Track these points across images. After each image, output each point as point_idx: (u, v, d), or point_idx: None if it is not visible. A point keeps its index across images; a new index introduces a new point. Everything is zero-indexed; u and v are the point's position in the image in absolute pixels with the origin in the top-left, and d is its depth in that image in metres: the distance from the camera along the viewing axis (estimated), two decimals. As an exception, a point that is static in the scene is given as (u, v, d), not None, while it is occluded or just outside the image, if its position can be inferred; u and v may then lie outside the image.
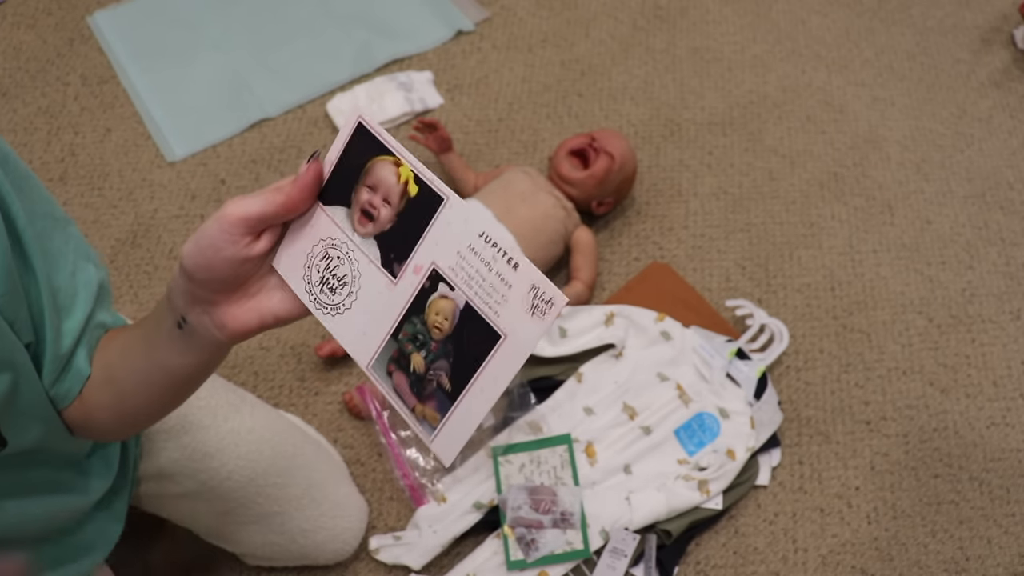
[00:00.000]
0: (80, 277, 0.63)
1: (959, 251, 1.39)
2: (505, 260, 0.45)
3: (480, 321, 0.46)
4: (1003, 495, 1.18)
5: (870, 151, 1.50)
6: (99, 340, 0.65)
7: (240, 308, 0.52)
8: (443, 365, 0.48)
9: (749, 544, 1.13)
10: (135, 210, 1.39)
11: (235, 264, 0.49)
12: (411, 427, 0.50)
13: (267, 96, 1.52)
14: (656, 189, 1.43)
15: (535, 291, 0.44)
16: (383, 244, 0.50)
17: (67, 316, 0.62)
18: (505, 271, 0.45)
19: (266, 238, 0.51)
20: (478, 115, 1.51)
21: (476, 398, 0.46)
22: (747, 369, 1.20)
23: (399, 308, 0.49)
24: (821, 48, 1.63)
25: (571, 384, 1.20)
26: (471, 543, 1.11)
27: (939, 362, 1.28)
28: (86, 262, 0.64)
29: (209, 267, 0.49)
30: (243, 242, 0.49)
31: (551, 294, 0.44)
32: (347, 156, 0.51)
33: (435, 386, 0.48)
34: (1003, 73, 1.60)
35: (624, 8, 1.67)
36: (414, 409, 0.49)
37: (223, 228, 0.48)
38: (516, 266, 0.45)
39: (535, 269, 0.45)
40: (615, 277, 1.34)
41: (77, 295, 0.63)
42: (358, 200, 0.50)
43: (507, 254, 0.45)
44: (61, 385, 0.63)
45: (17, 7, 1.64)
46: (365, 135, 0.50)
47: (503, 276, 0.45)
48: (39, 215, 0.60)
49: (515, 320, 0.45)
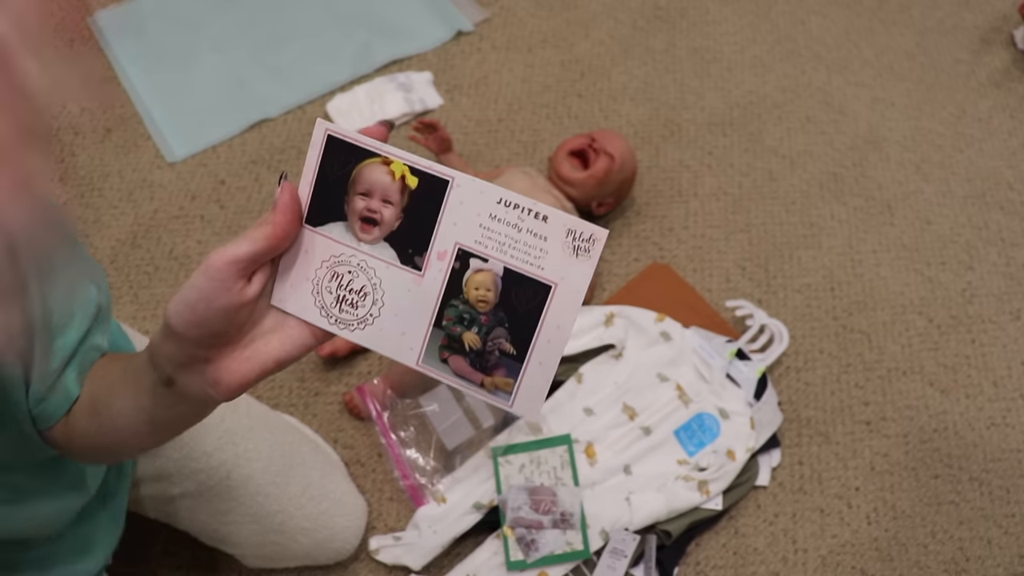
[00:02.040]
0: (78, 297, 0.62)
1: (959, 251, 1.39)
2: (532, 216, 0.47)
3: (525, 280, 0.47)
4: (1003, 495, 1.18)
5: (870, 151, 1.50)
6: (92, 364, 0.64)
7: (236, 361, 0.48)
8: (500, 333, 0.48)
9: (749, 544, 1.13)
10: (135, 210, 1.39)
11: (229, 313, 0.46)
12: (486, 400, 0.50)
13: (267, 96, 1.52)
14: (656, 189, 1.43)
15: (572, 234, 0.46)
16: (397, 243, 0.49)
17: (61, 334, 0.61)
18: (535, 226, 0.47)
19: (258, 279, 0.48)
20: (478, 115, 1.51)
21: (544, 350, 0.48)
22: (747, 369, 1.20)
23: (434, 297, 0.49)
24: (821, 48, 1.63)
25: (571, 384, 1.20)
26: (471, 543, 1.11)
27: (939, 362, 1.28)
28: (85, 284, 0.63)
29: (201, 323, 0.46)
30: (236, 288, 0.46)
31: (590, 231, 0.46)
32: (325, 171, 0.49)
33: (498, 355, 0.49)
34: (1003, 73, 1.60)
35: (624, 8, 1.67)
36: (483, 384, 0.49)
37: (212, 277, 0.45)
38: (545, 218, 0.47)
39: (565, 215, 0.46)
40: (615, 277, 1.34)
41: (75, 315, 0.62)
42: (354, 210, 0.49)
43: (532, 209, 0.47)
44: (48, 404, 0.61)
45: (17, 7, 1.64)
46: (338, 145, 0.49)
47: (535, 231, 0.47)
48: None
49: (562, 266, 0.47)
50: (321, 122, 0.49)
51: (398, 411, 1.16)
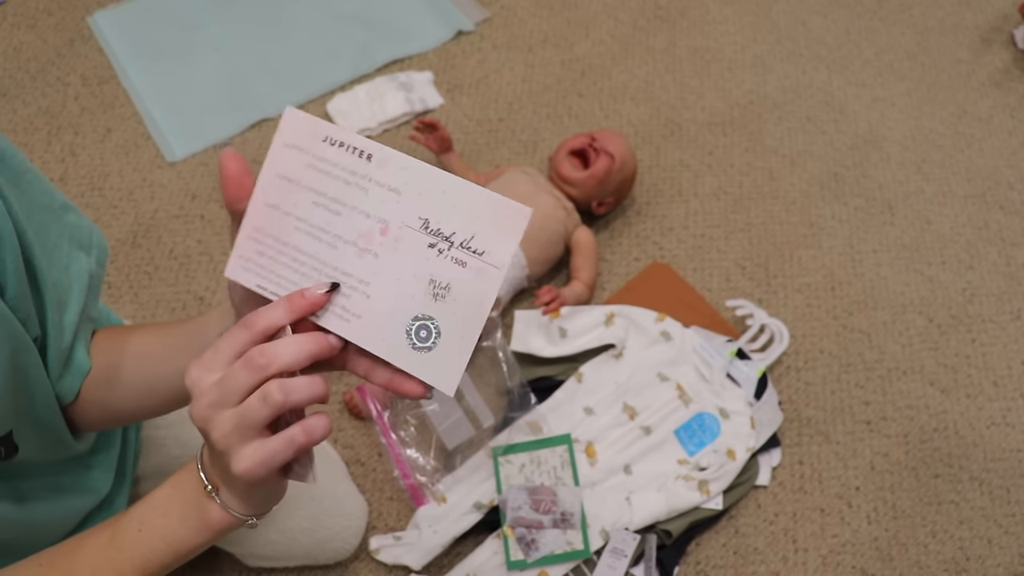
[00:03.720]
0: (74, 269, 0.63)
1: (959, 251, 1.39)
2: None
3: None
4: (1003, 495, 1.18)
5: (870, 151, 1.50)
6: (92, 333, 0.65)
7: None
8: None
9: (749, 544, 1.13)
10: (135, 210, 1.39)
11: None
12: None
13: (267, 96, 1.52)
14: (656, 189, 1.43)
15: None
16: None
17: (64, 310, 0.62)
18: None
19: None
20: (478, 115, 1.51)
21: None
22: (747, 369, 1.20)
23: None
24: (821, 48, 1.63)
25: (571, 384, 1.20)
26: (471, 543, 1.11)
27: (939, 362, 1.28)
28: (79, 251, 0.64)
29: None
30: None
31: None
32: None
33: None
34: (1003, 73, 1.60)
35: (624, 8, 1.67)
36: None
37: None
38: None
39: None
40: (615, 277, 1.34)
41: (72, 288, 0.63)
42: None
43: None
44: (64, 381, 0.63)
45: (17, 7, 1.64)
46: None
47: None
48: (37, 209, 0.59)
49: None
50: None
51: (398, 411, 1.16)
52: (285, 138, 0.49)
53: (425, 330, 0.47)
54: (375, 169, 0.48)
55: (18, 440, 0.60)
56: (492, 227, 0.46)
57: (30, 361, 0.58)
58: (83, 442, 0.71)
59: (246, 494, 0.49)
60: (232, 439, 0.45)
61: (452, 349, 0.47)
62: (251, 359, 0.45)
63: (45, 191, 0.61)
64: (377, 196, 0.48)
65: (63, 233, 0.62)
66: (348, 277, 0.48)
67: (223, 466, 0.47)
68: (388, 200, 0.48)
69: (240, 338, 0.46)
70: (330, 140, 0.49)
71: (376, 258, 0.48)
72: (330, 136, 0.49)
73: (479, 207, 0.46)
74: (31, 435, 0.62)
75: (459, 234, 0.47)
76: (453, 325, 0.47)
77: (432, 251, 0.47)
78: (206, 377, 0.46)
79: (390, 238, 0.48)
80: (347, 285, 0.48)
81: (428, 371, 0.47)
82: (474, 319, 0.47)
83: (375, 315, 0.48)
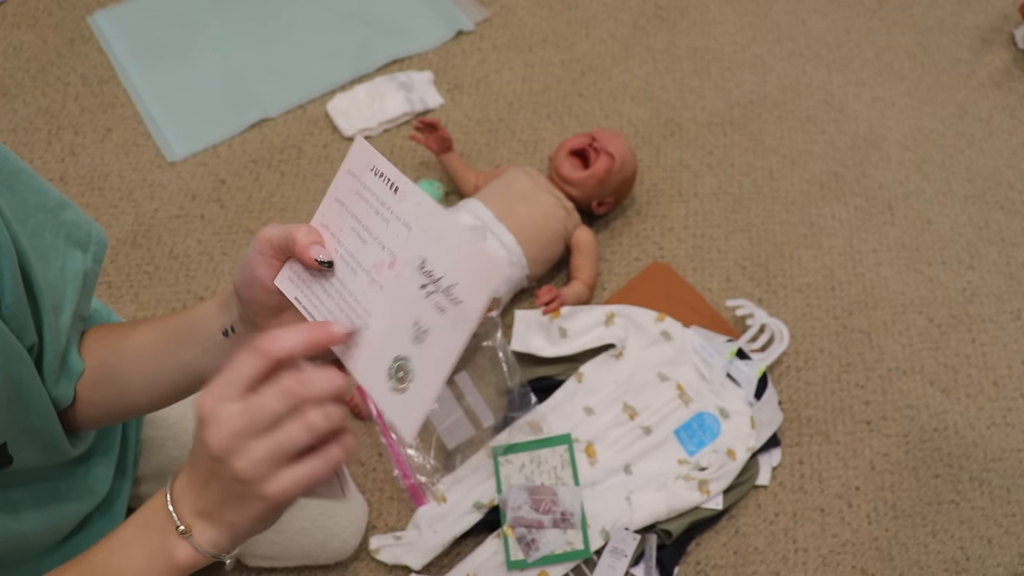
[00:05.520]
0: (68, 270, 0.63)
1: (959, 251, 1.39)
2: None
3: None
4: (1003, 495, 1.18)
5: (870, 151, 1.50)
6: (82, 333, 0.65)
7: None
8: None
9: (749, 544, 1.13)
10: (135, 210, 1.39)
11: (269, 290, 0.53)
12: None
13: (267, 96, 1.52)
14: (656, 189, 1.43)
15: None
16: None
17: (60, 313, 0.61)
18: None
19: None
20: (478, 115, 1.51)
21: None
22: (747, 369, 1.20)
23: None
24: (821, 48, 1.63)
25: (571, 384, 1.20)
26: (471, 543, 1.11)
27: (939, 362, 1.28)
28: (75, 249, 0.63)
29: (250, 284, 0.53)
30: (275, 264, 0.53)
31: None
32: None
33: None
34: (1003, 73, 1.60)
35: (624, 8, 1.67)
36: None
37: (254, 249, 0.53)
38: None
39: None
40: (615, 277, 1.34)
41: (66, 290, 0.62)
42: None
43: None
44: (60, 386, 0.62)
45: (17, 7, 1.64)
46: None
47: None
48: (31, 210, 0.59)
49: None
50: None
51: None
52: (348, 165, 0.52)
53: (403, 371, 0.48)
54: (397, 202, 0.50)
55: (12, 451, 0.59)
56: (473, 277, 0.46)
57: (24, 372, 0.58)
58: (80, 445, 0.71)
59: (252, 522, 0.47)
60: (265, 467, 0.44)
61: (418, 394, 0.47)
62: (289, 389, 0.44)
63: (39, 190, 0.60)
64: (394, 229, 0.50)
65: (59, 232, 0.62)
66: (357, 304, 0.50)
67: (236, 493, 0.45)
68: (400, 235, 0.49)
69: (256, 365, 0.45)
70: (375, 170, 0.51)
71: (381, 290, 0.50)
72: (376, 167, 0.51)
73: (465, 255, 0.47)
74: (26, 444, 0.61)
75: (446, 279, 0.47)
76: (424, 370, 0.47)
77: (422, 292, 0.48)
78: (225, 406, 0.45)
79: (394, 273, 0.49)
80: (355, 312, 0.50)
81: (395, 411, 0.48)
82: (442, 367, 0.47)
83: (369, 348, 0.49)
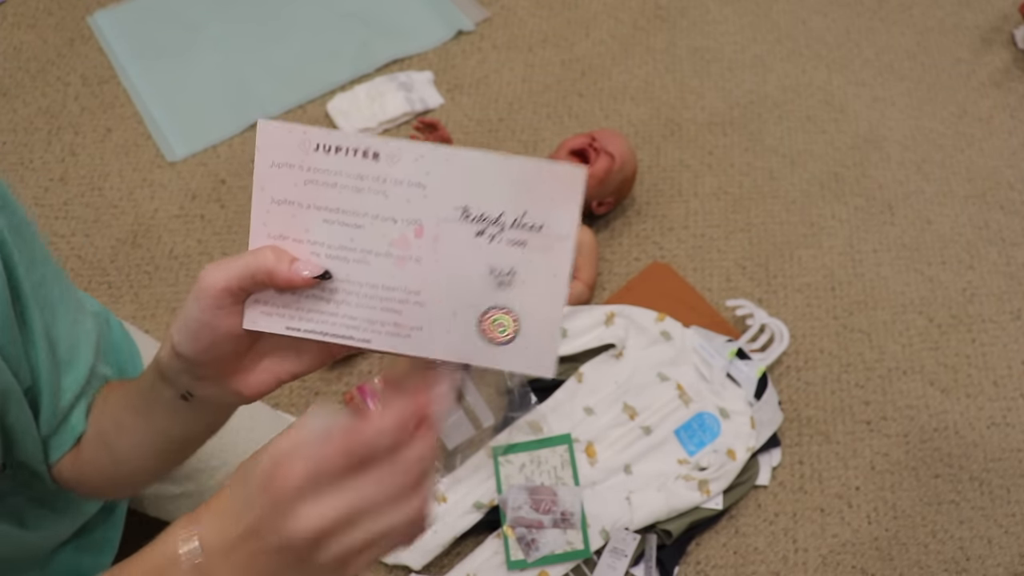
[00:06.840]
0: (80, 327, 0.61)
1: (959, 251, 1.39)
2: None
3: None
4: (1003, 495, 1.18)
5: (870, 151, 1.50)
6: (96, 393, 0.62)
7: (253, 373, 0.46)
8: None
9: (749, 544, 1.13)
10: (135, 210, 1.39)
11: (234, 337, 0.44)
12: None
13: (267, 96, 1.52)
14: (656, 189, 1.43)
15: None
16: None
17: (69, 370, 0.60)
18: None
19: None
20: (478, 115, 1.51)
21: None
22: (747, 369, 1.20)
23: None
24: (821, 48, 1.63)
25: (571, 384, 1.20)
26: (471, 543, 1.11)
27: (939, 362, 1.28)
28: (83, 313, 0.62)
29: (209, 348, 0.44)
30: (235, 311, 0.44)
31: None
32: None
33: None
34: (1003, 73, 1.60)
35: (624, 8, 1.67)
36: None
37: (206, 305, 0.42)
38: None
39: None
40: (615, 277, 1.34)
41: (79, 346, 0.60)
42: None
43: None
44: (51, 441, 0.61)
45: (17, 7, 1.64)
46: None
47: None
48: (39, 261, 0.57)
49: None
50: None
51: (398, 411, 1.16)
52: (268, 157, 0.43)
53: (498, 324, 0.44)
54: (387, 167, 0.43)
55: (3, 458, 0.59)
56: (545, 197, 0.42)
57: (12, 403, 0.56)
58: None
59: None
60: (353, 557, 0.41)
61: (537, 332, 0.43)
62: (390, 480, 0.40)
63: (43, 247, 0.59)
64: (399, 196, 0.43)
65: (66, 291, 0.60)
66: (392, 291, 0.44)
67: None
68: (413, 198, 0.43)
69: (346, 460, 0.40)
70: (323, 147, 0.43)
71: (419, 263, 0.43)
72: (322, 143, 0.43)
73: (522, 179, 0.42)
74: (12, 463, 0.60)
75: (508, 213, 0.42)
76: (531, 308, 0.43)
77: (482, 239, 0.43)
78: (314, 492, 0.39)
79: (428, 238, 0.43)
80: (394, 300, 0.44)
81: (516, 361, 0.44)
82: (553, 296, 0.43)
83: (438, 321, 0.44)
